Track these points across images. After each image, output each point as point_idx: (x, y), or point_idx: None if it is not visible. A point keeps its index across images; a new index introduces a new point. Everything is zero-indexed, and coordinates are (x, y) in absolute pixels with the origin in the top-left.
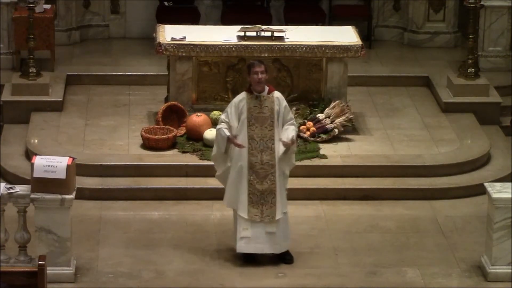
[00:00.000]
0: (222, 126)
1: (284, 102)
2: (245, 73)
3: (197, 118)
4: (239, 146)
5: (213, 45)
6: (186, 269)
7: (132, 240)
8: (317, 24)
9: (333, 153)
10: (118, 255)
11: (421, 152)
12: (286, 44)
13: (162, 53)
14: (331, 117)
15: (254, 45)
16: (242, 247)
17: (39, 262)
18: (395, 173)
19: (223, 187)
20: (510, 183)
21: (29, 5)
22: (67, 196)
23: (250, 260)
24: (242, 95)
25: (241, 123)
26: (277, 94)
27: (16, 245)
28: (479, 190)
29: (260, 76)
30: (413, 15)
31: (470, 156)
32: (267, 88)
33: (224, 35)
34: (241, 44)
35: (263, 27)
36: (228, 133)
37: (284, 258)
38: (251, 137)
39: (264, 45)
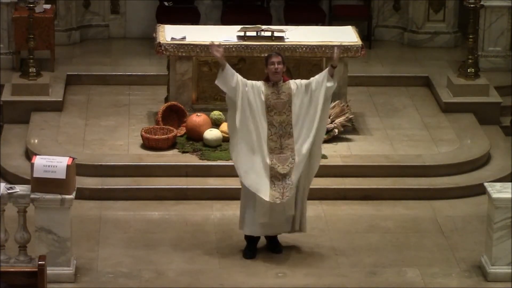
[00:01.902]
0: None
1: (298, 82)
2: (247, 73)
3: (197, 118)
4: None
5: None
6: (186, 269)
7: (132, 240)
8: (317, 24)
9: (333, 153)
10: (118, 255)
11: (421, 152)
12: (286, 44)
13: (162, 53)
14: (331, 117)
15: (254, 45)
16: (258, 231)
17: (39, 262)
18: (395, 173)
19: (223, 187)
20: (510, 183)
21: (29, 5)
22: (67, 196)
23: (252, 254)
24: (260, 82)
25: (260, 110)
26: (292, 81)
27: (16, 245)
28: (479, 190)
29: (276, 66)
30: (413, 15)
31: (470, 156)
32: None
33: (224, 35)
34: (241, 44)
35: (263, 27)
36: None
37: (274, 249)
38: (270, 123)
39: (264, 45)
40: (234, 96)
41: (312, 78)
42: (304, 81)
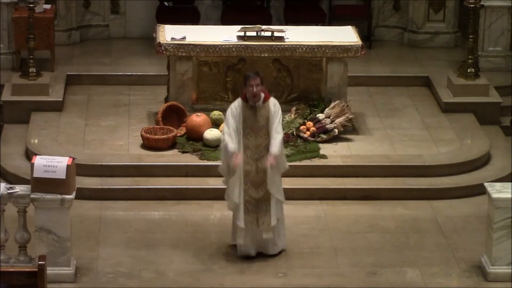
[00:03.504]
0: (227, 139)
1: (276, 108)
2: (243, 77)
3: (197, 118)
4: (235, 163)
5: (213, 45)
6: (186, 269)
7: (132, 240)
8: (317, 24)
9: (333, 153)
10: (118, 255)
11: (421, 152)
12: (286, 44)
13: (162, 53)
14: (331, 117)
15: (254, 45)
16: (241, 251)
17: (39, 262)
18: (395, 173)
19: (223, 187)
20: (510, 183)
21: (29, 5)
22: (67, 196)
23: (249, 256)
24: (239, 102)
25: (237, 133)
26: (272, 101)
27: (16, 245)
28: (479, 190)
29: (255, 90)
30: (413, 15)
31: (470, 156)
32: (262, 96)
33: (224, 35)
34: (241, 44)
35: (263, 27)
36: (233, 149)
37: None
38: (246, 146)
39: (264, 45)
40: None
41: (274, 129)
42: (277, 118)
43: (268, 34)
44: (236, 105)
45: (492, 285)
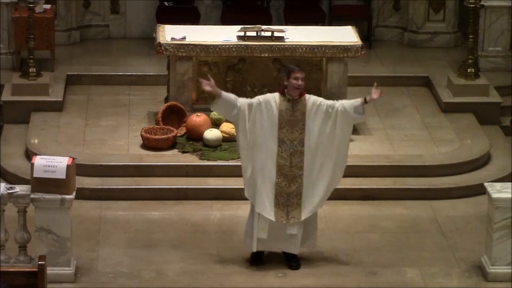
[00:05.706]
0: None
1: (318, 101)
2: (247, 73)
3: (197, 118)
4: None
5: (213, 45)
6: (186, 269)
7: (132, 240)
8: (317, 24)
9: None
10: (118, 255)
11: (421, 152)
12: (286, 44)
13: (162, 53)
14: None
15: (254, 45)
16: (260, 246)
17: (39, 262)
18: (395, 173)
19: (223, 187)
20: (510, 183)
21: (29, 5)
22: (67, 196)
23: (258, 262)
24: (275, 95)
25: (270, 127)
26: (307, 97)
27: (16, 245)
28: (479, 190)
29: (300, 82)
30: (413, 15)
31: (470, 156)
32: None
33: (224, 35)
34: (241, 44)
35: (263, 27)
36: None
37: (290, 264)
38: (281, 140)
39: (264, 45)
40: (236, 122)
41: (338, 102)
42: (326, 102)
43: (268, 34)
44: (271, 97)
45: (492, 285)
